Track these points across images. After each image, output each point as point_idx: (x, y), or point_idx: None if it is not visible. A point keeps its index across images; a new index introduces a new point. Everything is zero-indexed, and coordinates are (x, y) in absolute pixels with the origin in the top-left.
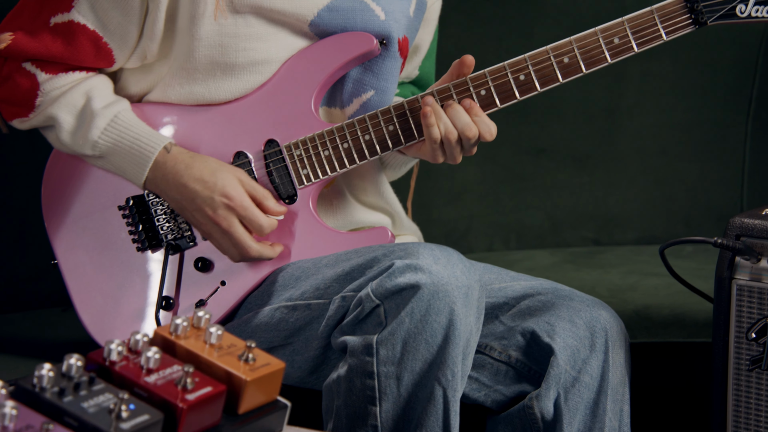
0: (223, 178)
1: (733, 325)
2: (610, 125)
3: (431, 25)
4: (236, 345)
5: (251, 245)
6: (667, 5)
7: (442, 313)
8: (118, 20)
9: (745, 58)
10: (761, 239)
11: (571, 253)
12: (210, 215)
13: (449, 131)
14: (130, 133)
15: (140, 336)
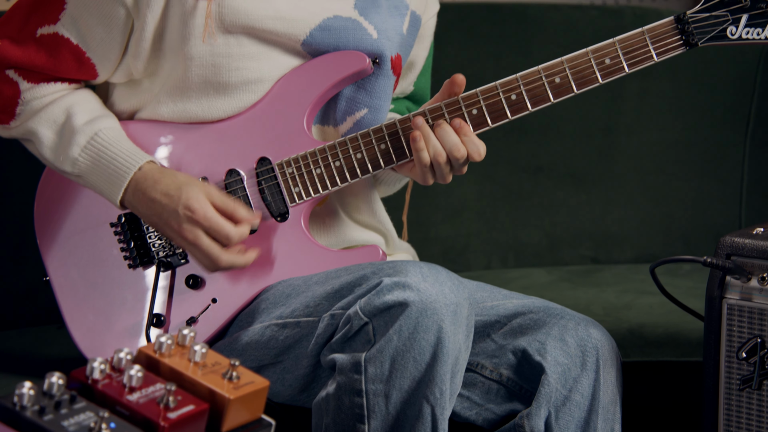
0: (187, 192)
1: (723, 344)
2: (608, 144)
3: (426, 41)
4: (221, 363)
5: (219, 255)
6: (659, 26)
7: (431, 330)
8: (101, 36)
9: (744, 77)
10: (751, 258)
11: (568, 272)
12: (176, 228)
13: (438, 153)
14: (108, 152)
15: (123, 354)
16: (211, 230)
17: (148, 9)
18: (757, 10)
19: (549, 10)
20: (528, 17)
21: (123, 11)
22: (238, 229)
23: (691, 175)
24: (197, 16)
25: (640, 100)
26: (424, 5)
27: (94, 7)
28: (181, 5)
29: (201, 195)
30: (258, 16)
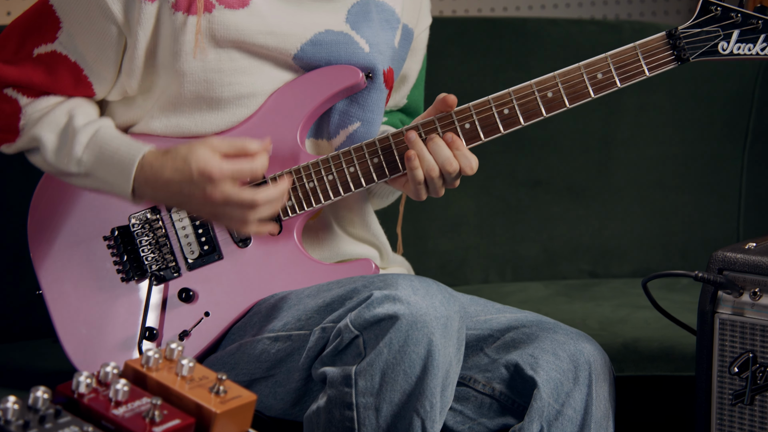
0: (195, 159)
1: (716, 359)
2: (606, 158)
3: (419, 54)
4: (208, 377)
5: (254, 195)
6: (650, 41)
7: (421, 343)
8: (96, 55)
9: (742, 91)
10: (743, 273)
11: (565, 286)
12: (201, 197)
13: (431, 168)
14: (111, 145)
15: (110, 368)
16: (234, 176)
17: (139, 26)
18: (748, 25)
19: (548, 24)
20: (527, 32)
21: (115, 29)
22: (257, 161)
23: (689, 189)
24: (187, 32)
25: (638, 114)
26: (416, 18)
27: (88, 25)
28: (172, 22)
29: (207, 153)
30: (249, 32)
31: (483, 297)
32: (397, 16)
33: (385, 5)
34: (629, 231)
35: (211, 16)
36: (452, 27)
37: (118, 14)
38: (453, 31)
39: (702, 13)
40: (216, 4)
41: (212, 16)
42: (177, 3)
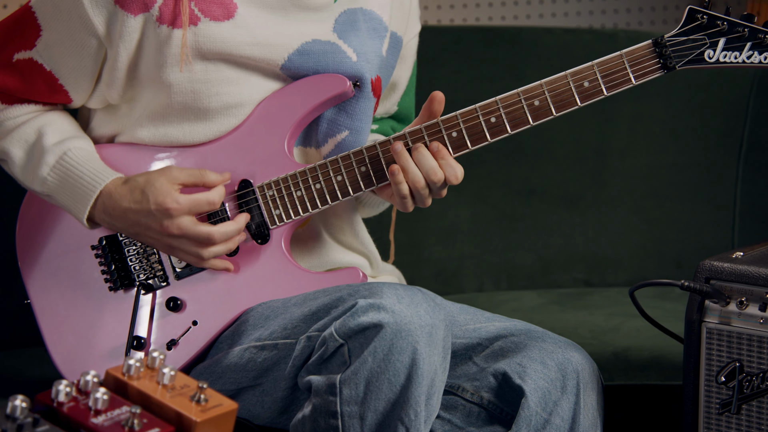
0: (153, 191)
1: (703, 368)
2: (602, 166)
3: (408, 61)
4: (189, 386)
5: (211, 229)
6: (637, 50)
7: (405, 352)
8: (73, 64)
9: (737, 101)
10: (730, 282)
11: (559, 294)
12: (158, 229)
13: (416, 180)
14: (76, 171)
15: (90, 377)
16: (191, 210)
17: (121, 40)
18: (734, 33)
19: (543, 33)
20: (522, 41)
21: (95, 41)
22: (214, 192)
23: (684, 198)
24: (172, 45)
25: (633, 123)
26: (404, 26)
27: (67, 36)
28: (156, 35)
29: (165, 185)
30: (234, 43)
31: (476, 305)
32: (384, 24)
33: (372, 14)
34: (624, 240)
35: (196, 29)
36: (447, 36)
37: (100, 27)
38: (448, 40)
39: (688, 21)
40: (201, 17)
41: (198, 29)
42: (161, 16)
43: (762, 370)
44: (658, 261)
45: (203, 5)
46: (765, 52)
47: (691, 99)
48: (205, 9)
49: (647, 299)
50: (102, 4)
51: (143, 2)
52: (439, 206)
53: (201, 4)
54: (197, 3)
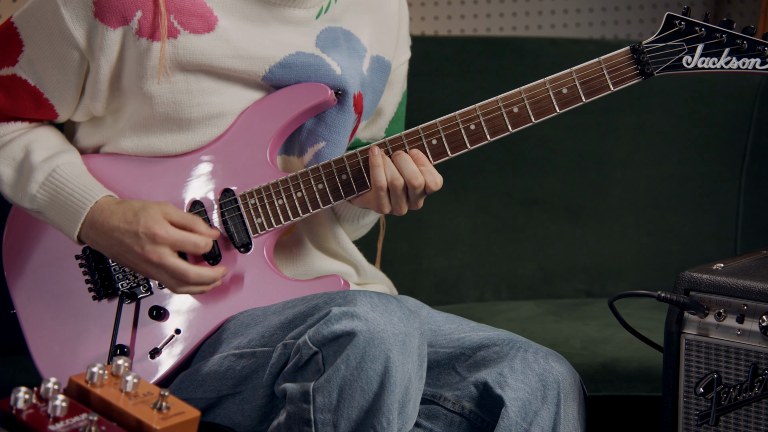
0: (146, 216)
1: (682, 379)
2: (603, 177)
3: (396, 87)
4: (152, 393)
5: (187, 269)
6: (615, 56)
7: (378, 360)
8: (57, 78)
9: (740, 112)
10: (709, 294)
11: (557, 305)
12: (139, 253)
13: (395, 178)
14: (66, 188)
15: (51, 384)
16: (176, 244)
17: (102, 52)
18: (712, 39)
19: (547, 44)
20: (525, 51)
21: (77, 54)
22: (203, 238)
23: (687, 209)
24: (152, 58)
25: (635, 134)
26: (392, 51)
27: (50, 50)
28: (137, 48)
29: (158, 215)
30: (215, 56)
31: (473, 315)
32: (363, 45)
33: (351, 35)
34: (626, 250)
35: (176, 42)
36: (450, 46)
37: (81, 40)
38: (451, 51)
39: (666, 27)
40: (181, 30)
41: (177, 42)
42: (140, 29)
43: (739, 381)
44: (659, 272)
45: (183, 18)
46: (743, 58)
47: (694, 110)
48: (185, 22)
49: (644, 310)
50: (82, 17)
51: (122, 16)
52: (440, 216)
53: (180, 17)
54: (177, 16)
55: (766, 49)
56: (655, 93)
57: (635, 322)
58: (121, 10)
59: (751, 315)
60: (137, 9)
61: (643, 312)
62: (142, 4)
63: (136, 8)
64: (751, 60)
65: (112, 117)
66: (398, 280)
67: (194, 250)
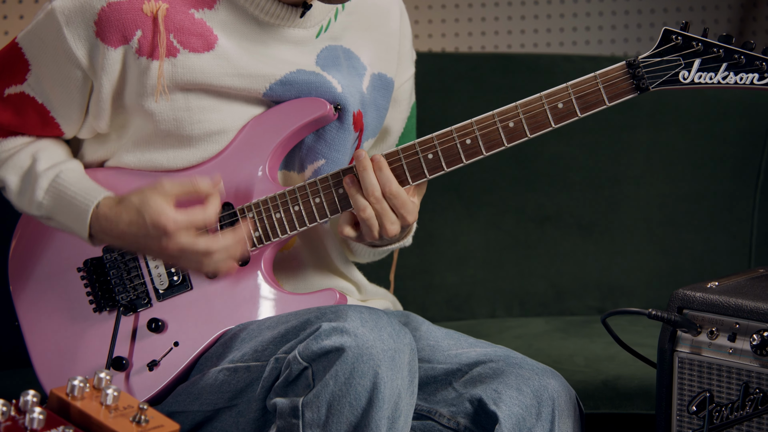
0: (148, 210)
1: (675, 397)
2: (617, 194)
3: (402, 104)
4: (132, 406)
5: (209, 244)
6: (610, 71)
7: (366, 376)
8: (62, 96)
9: (754, 130)
10: (702, 312)
11: (567, 322)
12: (158, 249)
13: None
14: (68, 193)
15: (30, 396)
16: (188, 227)
17: (104, 71)
18: (709, 54)
19: (562, 61)
20: (540, 68)
21: (80, 73)
22: (209, 208)
23: (701, 227)
24: (151, 77)
25: (649, 151)
26: (394, 68)
27: (54, 69)
28: (137, 66)
29: (159, 204)
30: (214, 74)
31: (482, 331)
32: (363, 63)
33: (351, 53)
34: (639, 268)
35: (175, 61)
36: (463, 63)
37: (83, 59)
38: (464, 67)
39: (663, 42)
40: (180, 49)
41: (176, 61)
42: (140, 48)
43: (731, 400)
44: (672, 289)
45: (182, 37)
46: (741, 73)
47: (708, 127)
48: (185, 41)
49: (652, 327)
50: (83, 37)
51: (122, 35)
52: (452, 231)
53: (180, 36)
54: (176, 35)
55: (764, 64)
56: (669, 110)
57: (643, 339)
58: (121, 29)
59: (742, 334)
60: (137, 28)
61: (651, 329)
62: (142, 24)
63: (136, 28)
64: (748, 75)
65: (117, 133)
66: (409, 296)
67: (207, 224)
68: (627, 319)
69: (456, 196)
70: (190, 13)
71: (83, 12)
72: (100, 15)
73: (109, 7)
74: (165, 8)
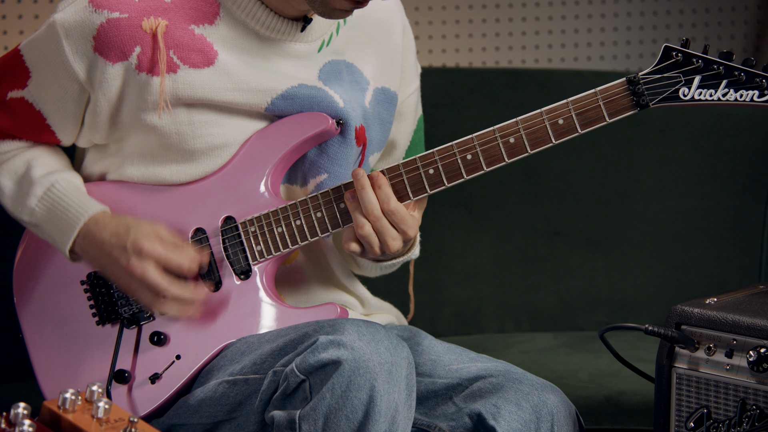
0: (136, 231)
1: (673, 413)
2: (626, 210)
3: (407, 118)
4: (123, 419)
5: (168, 287)
6: (611, 87)
7: (363, 389)
8: (57, 106)
9: (764, 145)
10: (699, 328)
11: (574, 337)
12: (124, 265)
13: (372, 204)
14: (63, 202)
15: (20, 409)
16: (160, 260)
17: (102, 86)
18: (709, 71)
19: (572, 76)
20: (551, 83)
21: (76, 86)
22: (188, 262)
23: (710, 242)
24: (152, 92)
25: (659, 166)
26: (398, 82)
27: (52, 79)
28: (137, 81)
29: (149, 232)
30: (215, 89)
31: (489, 346)
32: (366, 78)
33: (353, 67)
34: (648, 284)
35: (176, 76)
36: (475, 78)
37: (80, 73)
38: (475, 82)
39: (663, 59)
40: (180, 65)
41: (177, 77)
42: (140, 64)
43: (728, 417)
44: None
45: (182, 53)
46: (741, 90)
47: (718, 143)
48: (185, 56)
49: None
50: (82, 51)
51: (121, 51)
52: (461, 246)
53: (180, 52)
54: (176, 51)
55: (764, 81)
56: (679, 126)
57: (650, 355)
58: (120, 45)
59: (740, 350)
60: (136, 45)
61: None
62: (141, 40)
63: (135, 44)
64: (748, 92)
65: (116, 145)
66: (418, 310)
67: (178, 269)
68: (634, 335)
69: (465, 210)
70: (190, 29)
71: (82, 27)
72: (99, 31)
73: (108, 23)
74: (164, 25)
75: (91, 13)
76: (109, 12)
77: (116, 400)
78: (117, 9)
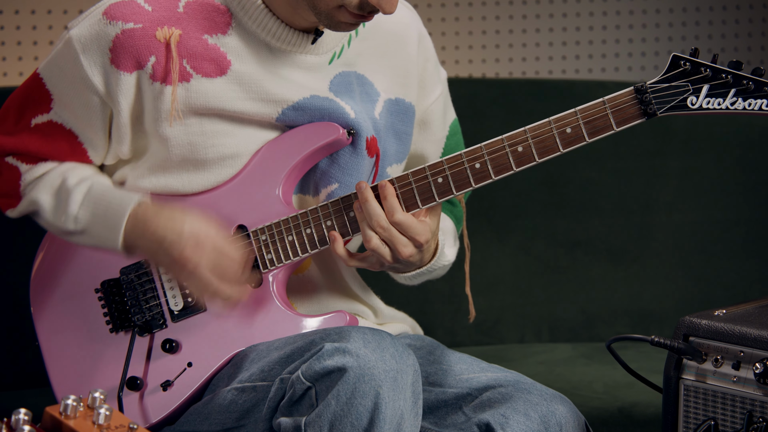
0: (191, 219)
1: (681, 424)
2: (648, 221)
3: (434, 125)
4: (124, 425)
5: (219, 286)
6: (619, 96)
7: (368, 396)
8: (85, 123)
9: None
10: (707, 340)
11: (593, 348)
12: (176, 256)
13: (376, 214)
14: (104, 200)
15: (21, 415)
16: (216, 250)
17: (120, 96)
18: (718, 80)
19: (595, 87)
20: (574, 94)
21: (97, 99)
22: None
23: (732, 254)
24: (165, 101)
25: (681, 178)
26: (414, 94)
27: (75, 96)
28: (152, 91)
29: (205, 223)
30: (227, 99)
31: (507, 356)
32: (376, 89)
33: (364, 79)
34: (669, 295)
35: (188, 86)
36: (498, 88)
37: (99, 86)
38: (498, 93)
39: (671, 68)
40: (193, 74)
41: (189, 86)
42: (154, 74)
43: (735, 429)
44: None
45: (195, 63)
46: (749, 99)
47: (741, 155)
48: (198, 66)
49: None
50: (99, 63)
51: (136, 60)
52: (481, 256)
53: (193, 61)
54: (189, 60)
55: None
56: (701, 138)
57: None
58: (135, 55)
59: (747, 362)
60: (151, 54)
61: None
62: (156, 50)
63: (150, 54)
64: (757, 101)
65: (136, 159)
66: (438, 320)
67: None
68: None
69: (486, 220)
70: (203, 38)
71: (98, 40)
72: (114, 42)
73: (123, 34)
74: (178, 34)
75: (105, 25)
76: (123, 23)
77: (128, 406)
78: (131, 20)
